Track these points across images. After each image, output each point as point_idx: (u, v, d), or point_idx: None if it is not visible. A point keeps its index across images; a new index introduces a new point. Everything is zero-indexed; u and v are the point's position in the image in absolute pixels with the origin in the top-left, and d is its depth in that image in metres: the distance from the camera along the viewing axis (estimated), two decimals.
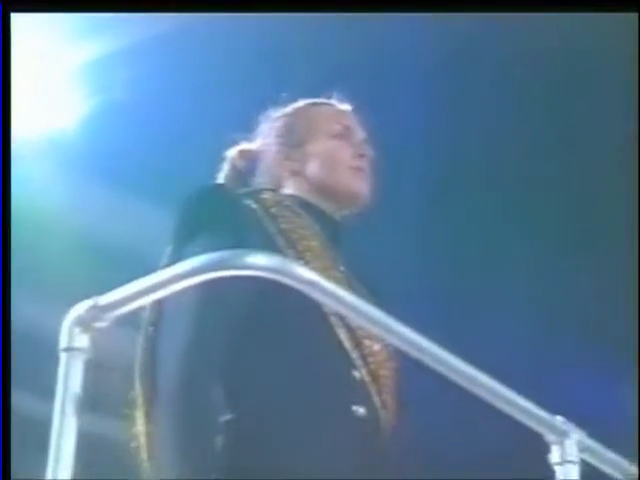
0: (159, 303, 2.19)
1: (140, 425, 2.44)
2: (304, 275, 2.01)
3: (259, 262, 1.98)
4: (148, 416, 2.43)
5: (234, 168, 2.83)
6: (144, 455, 2.43)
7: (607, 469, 2.22)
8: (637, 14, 5.58)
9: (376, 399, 2.56)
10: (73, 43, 5.93)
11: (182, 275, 2.01)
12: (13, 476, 2.49)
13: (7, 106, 3.19)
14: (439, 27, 5.71)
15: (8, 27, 3.59)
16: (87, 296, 2.03)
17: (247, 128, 2.85)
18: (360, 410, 2.52)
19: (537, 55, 6.35)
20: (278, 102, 2.87)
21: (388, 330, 2.10)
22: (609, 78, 6.38)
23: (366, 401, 2.54)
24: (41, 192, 6.50)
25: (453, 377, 2.07)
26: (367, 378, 2.56)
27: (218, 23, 5.51)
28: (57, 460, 1.92)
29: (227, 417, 2.39)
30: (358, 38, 5.80)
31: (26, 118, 6.43)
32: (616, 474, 2.24)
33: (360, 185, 2.76)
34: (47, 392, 2.01)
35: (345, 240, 2.72)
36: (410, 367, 2.34)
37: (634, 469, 2.27)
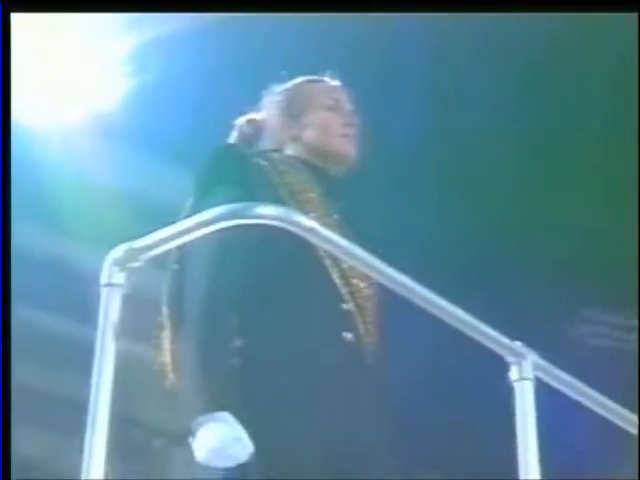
0: (183, 245, 2.17)
1: (166, 344, 2.45)
2: (304, 223, 2.02)
3: (267, 212, 1.99)
4: (173, 337, 2.45)
5: (242, 134, 2.82)
6: (169, 369, 2.42)
7: (558, 386, 2.21)
8: (637, 14, 5.11)
9: (361, 327, 2.56)
10: (117, 32, 5.89)
11: (203, 223, 2.02)
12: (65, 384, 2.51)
13: (7, 102, 3.01)
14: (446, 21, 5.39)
15: (8, 27, 3.22)
16: (124, 241, 2.03)
17: (254, 102, 2.82)
18: (349, 336, 2.52)
19: (538, 54, 5.99)
20: (280, 79, 2.83)
21: (373, 269, 2.10)
22: (609, 78, 5.99)
23: (353, 329, 2.54)
24: (88, 159, 6.52)
25: (429, 309, 2.07)
26: (354, 310, 2.56)
27: (237, 21, 5.47)
28: (100, 376, 1.93)
29: (239, 342, 2.37)
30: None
31: (75, 98, 6.42)
32: (568, 391, 2.23)
33: (349, 149, 2.76)
34: (91, 319, 2.00)
35: (338, 193, 2.70)
36: (391, 301, 2.34)
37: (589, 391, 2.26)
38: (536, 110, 6.34)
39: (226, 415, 2.24)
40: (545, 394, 2.17)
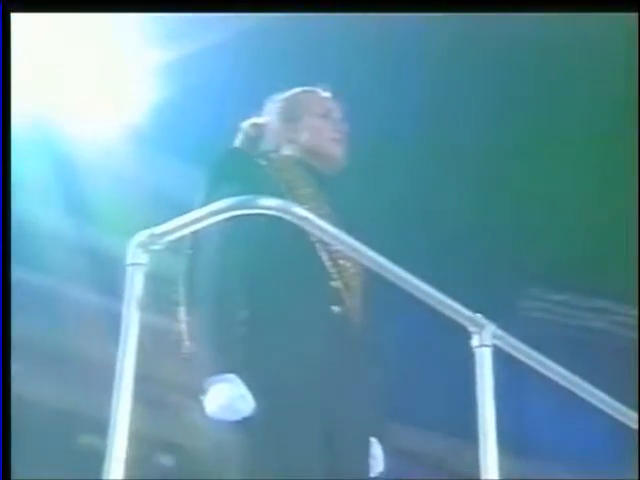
0: (196, 232, 2.16)
1: (182, 316, 2.43)
2: (299, 213, 2.01)
3: (268, 203, 1.98)
4: (188, 310, 2.43)
5: (247, 136, 2.79)
6: (185, 337, 2.40)
7: (512, 352, 2.20)
8: (637, 14, 4.64)
9: (348, 302, 2.53)
10: (148, 48, 5.84)
11: (213, 213, 2.01)
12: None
13: (7, 104, 2.77)
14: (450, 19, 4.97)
15: (8, 27, 2.90)
16: (147, 228, 2.02)
17: (258, 109, 2.80)
18: (337, 309, 2.50)
19: (538, 54, 5.63)
20: (280, 90, 2.80)
21: (357, 252, 2.10)
22: (609, 78, 5.49)
23: (341, 303, 2.52)
24: (119, 159, 6.51)
25: (404, 286, 2.05)
26: (341, 287, 2.54)
27: (245, 41, 5.39)
28: (125, 342, 1.92)
29: (243, 315, 2.35)
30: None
31: (110, 107, 6.41)
32: (521, 356, 2.22)
33: (338, 151, 2.73)
34: (118, 292, 1.99)
35: (329, 188, 2.68)
36: (373, 279, 2.32)
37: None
38: (534, 108, 6.04)
39: (232, 376, 2.24)
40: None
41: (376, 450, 2.55)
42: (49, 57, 6.00)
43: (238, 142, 2.78)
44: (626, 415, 2.39)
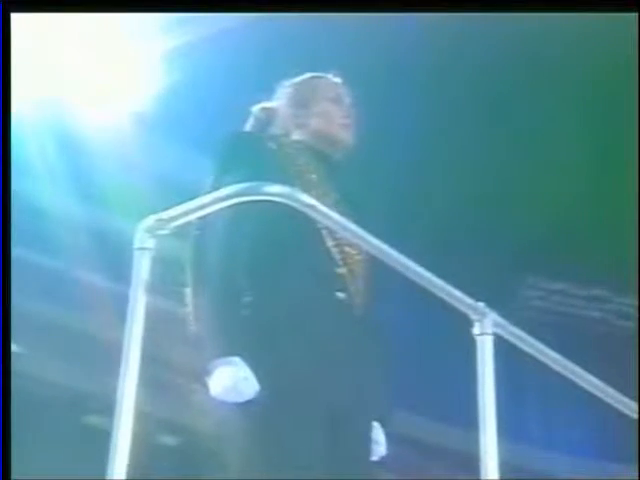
0: (203, 216, 2.14)
1: (189, 298, 2.41)
2: (306, 200, 1.99)
3: (274, 190, 1.96)
4: (194, 292, 2.40)
5: (257, 120, 2.76)
6: (192, 318, 2.39)
7: (512, 339, 2.18)
8: (637, 14, 4.55)
9: (352, 288, 2.52)
10: (155, 35, 5.81)
11: (220, 199, 2.00)
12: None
13: (7, 103, 2.70)
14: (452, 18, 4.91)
15: (8, 27, 2.83)
16: (154, 212, 2.01)
17: (268, 94, 2.77)
18: (341, 294, 2.48)
19: (538, 54, 5.57)
20: (287, 77, 2.77)
21: (362, 239, 2.09)
22: (609, 78, 5.46)
23: (345, 289, 2.50)
24: (127, 145, 6.50)
25: (408, 274, 2.04)
26: (346, 273, 2.52)
27: (254, 27, 5.36)
28: (132, 323, 1.91)
29: (248, 298, 2.33)
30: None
31: (118, 95, 6.40)
32: (523, 346, 2.20)
33: (347, 136, 2.70)
34: (125, 275, 1.98)
35: (336, 174, 2.66)
36: (377, 266, 2.30)
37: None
38: (535, 104, 5.99)
39: (237, 359, 2.23)
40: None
41: (378, 435, 2.54)
42: (51, 55, 5.98)
43: (249, 126, 2.75)
44: (625, 404, 2.38)
